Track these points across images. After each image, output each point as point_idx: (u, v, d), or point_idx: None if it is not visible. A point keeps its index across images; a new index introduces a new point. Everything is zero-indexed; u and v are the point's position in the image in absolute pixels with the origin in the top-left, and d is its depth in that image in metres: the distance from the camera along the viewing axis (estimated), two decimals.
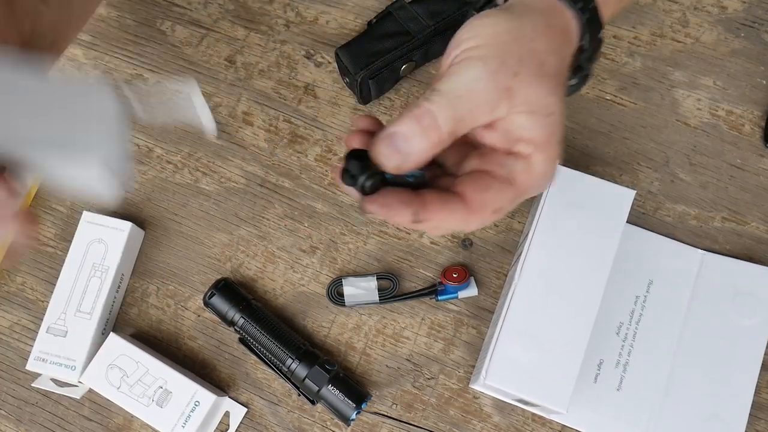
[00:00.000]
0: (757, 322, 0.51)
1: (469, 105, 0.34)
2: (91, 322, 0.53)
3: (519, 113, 0.34)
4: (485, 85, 0.33)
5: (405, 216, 0.35)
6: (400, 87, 0.59)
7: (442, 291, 0.54)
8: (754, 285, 0.52)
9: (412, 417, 0.53)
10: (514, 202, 0.36)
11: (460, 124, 0.34)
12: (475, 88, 0.34)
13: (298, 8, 0.62)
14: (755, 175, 0.57)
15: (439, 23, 0.55)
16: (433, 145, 0.34)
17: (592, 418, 0.51)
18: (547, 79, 0.35)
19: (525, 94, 0.34)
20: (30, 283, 0.57)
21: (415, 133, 0.33)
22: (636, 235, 0.54)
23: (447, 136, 0.34)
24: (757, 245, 0.55)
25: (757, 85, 0.58)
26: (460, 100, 0.33)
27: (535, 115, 0.34)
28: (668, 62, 0.59)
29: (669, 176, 0.57)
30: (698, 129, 0.58)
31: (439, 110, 0.33)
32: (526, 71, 0.34)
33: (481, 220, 0.36)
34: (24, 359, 0.55)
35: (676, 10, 0.60)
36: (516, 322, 0.47)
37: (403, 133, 0.34)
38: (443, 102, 0.34)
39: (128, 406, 0.51)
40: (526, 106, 0.34)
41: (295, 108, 0.60)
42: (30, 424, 0.54)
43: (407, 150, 0.34)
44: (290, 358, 0.51)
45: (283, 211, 0.57)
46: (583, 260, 0.48)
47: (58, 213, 0.58)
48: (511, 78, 0.34)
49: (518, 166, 0.35)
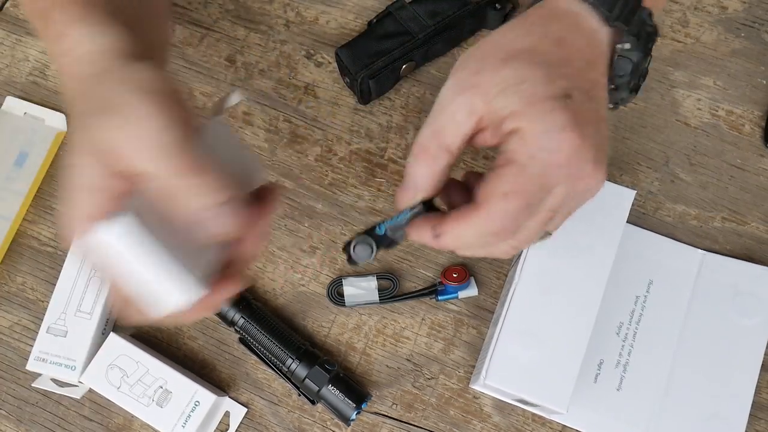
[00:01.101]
0: (757, 322, 0.51)
1: (442, 114, 0.36)
2: (91, 322, 0.53)
3: (494, 99, 0.35)
4: (450, 90, 0.36)
5: (425, 232, 0.37)
6: (400, 87, 0.59)
7: (443, 291, 0.54)
8: (754, 285, 0.52)
9: (412, 417, 0.53)
10: (526, 181, 0.35)
11: (441, 135, 0.36)
12: (442, 96, 0.36)
13: (298, 8, 0.62)
14: (755, 175, 0.57)
15: (439, 23, 0.55)
16: (429, 165, 0.36)
17: (592, 418, 0.51)
18: (515, 59, 0.35)
19: (490, 79, 0.35)
20: (30, 283, 0.57)
21: (410, 164, 0.37)
22: (636, 235, 0.54)
23: (438, 151, 0.36)
24: (757, 245, 0.55)
25: (757, 85, 0.58)
26: (434, 114, 0.36)
27: (506, 90, 0.34)
28: (668, 62, 0.59)
29: (669, 176, 0.57)
30: (698, 129, 0.58)
31: (421, 133, 0.36)
32: (489, 63, 0.36)
33: (492, 214, 0.35)
34: (24, 359, 0.55)
35: (676, 10, 0.60)
36: (516, 322, 0.47)
37: (406, 173, 0.38)
38: (423, 126, 0.36)
39: (128, 406, 0.51)
40: (496, 87, 0.35)
41: (295, 108, 0.60)
42: (30, 424, 0.54)
43: (412, 182, 0.37)
44: (290, 358, 0.51)
45: (283, 211, 0.57)
46: (584, 260, 0.48)
47: (58, 213, 0.58)
48: (474, 75, 0.35)
49: (511, 144, 0.35)
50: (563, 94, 0.34)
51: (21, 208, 0.57)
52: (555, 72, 0.35)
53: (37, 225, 0.58)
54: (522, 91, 0.35)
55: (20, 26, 0.63)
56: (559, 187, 0.35)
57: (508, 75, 0.35)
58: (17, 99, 0.60)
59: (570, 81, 0.35)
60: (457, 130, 0.36)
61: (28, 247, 0.58)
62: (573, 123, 0.34)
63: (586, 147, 0.34)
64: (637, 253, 0.53)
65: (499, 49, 0.36)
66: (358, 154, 0.58)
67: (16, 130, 0.59)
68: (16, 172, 0.58)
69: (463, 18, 0.56)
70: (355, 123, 0.59)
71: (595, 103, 0.36)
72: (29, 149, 0.59)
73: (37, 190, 0.59)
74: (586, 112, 0.35)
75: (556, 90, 0.34)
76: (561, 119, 0.34)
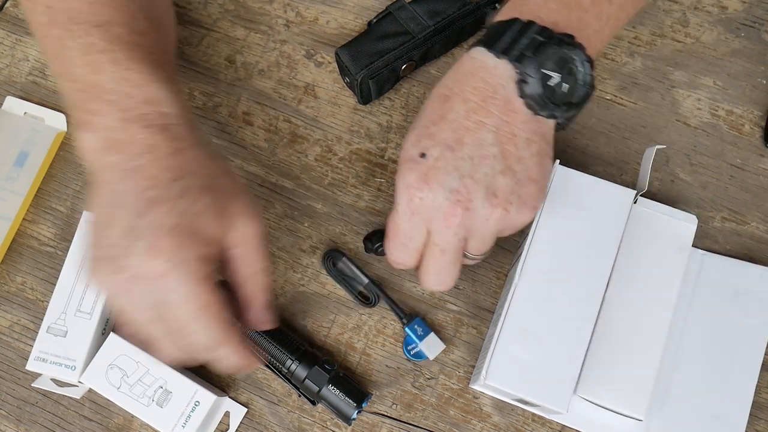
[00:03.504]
0: (758, 322, 0.51)
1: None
2: (91, 322, 0.53)
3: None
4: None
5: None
6: (400, 87, 0.59)
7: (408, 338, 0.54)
8: (754, 285, 0.52)
9: (412, 417, 0.53)
10: (394, 226, 0.45)
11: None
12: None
13: (298, 8, 0.62)
14: (755, 175, 0.57)
15: (439, 23, 0.55)
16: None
17: (593, 418, 0.51)
18: (413, 124, 0.45)
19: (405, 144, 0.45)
20: (30, 283, 0.57)
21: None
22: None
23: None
24: (757, 245, 0.55)
25: (757, 85, 0.58)
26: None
27: (402, 154, 0.44)
28: (668, 62, 0.59)
29: (669, 176, 0.57)
30: (698, 129, 0.58)
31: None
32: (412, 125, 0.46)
33: (387, 249, 0.47)
34: (24, 359, 0.55)
35: (676, 10, 0.60)
36: (516, 322, 0.47)
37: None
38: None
39: (128, 406, 0.51)
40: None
41: (295, 108, 0.60)
42: (30, 424, 0.54)
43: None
44: (289, 359, 0.51)
45: (283, 211, 0.57)
46: (584, 260, 0.48)
47: (58, 213, 0.58)
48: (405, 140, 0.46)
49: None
50: (419, 154, 0.42)
51: (21, 208, 0.57)
52: (424, 133, 0.42)
53: (37, 225, 0.58)
54: (400, 155, 0.43)
55: (20, 26, 0.63)
56: (431, 228, 0.42)
57: (403, 141, 0.44)
58: (17, 99, 0.60)
59: (432, 139, 0.42)
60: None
61: (28, 247, 0.58)
62: (417, 179, 0.41)
63: (434, 194, 0.41)
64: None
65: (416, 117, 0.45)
66: (358, 154, 0.58)
67: (16, 130, 0.59)
68: (16, 172, 0.58)
69: (462, 18, 0.56)
70: (355, 123, 0.59)
71: (461, 151, 0.41)
72: (29, 149, 0.59)
73: (37, 190, 0.59)
74: (443, 163, 0.41)
75: (413, 152, 0.42)
76: (408, 178, 0.42)
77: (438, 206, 0.41)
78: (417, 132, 0.43)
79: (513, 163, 0.41)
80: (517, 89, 0.41)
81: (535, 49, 0.41)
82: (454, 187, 0.41)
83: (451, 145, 0.41)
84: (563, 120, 0.43)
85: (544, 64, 0.41)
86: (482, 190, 0.41)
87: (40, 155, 0.58)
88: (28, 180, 0.58)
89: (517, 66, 0.41)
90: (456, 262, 0.44)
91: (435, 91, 0.44)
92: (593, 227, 0.48)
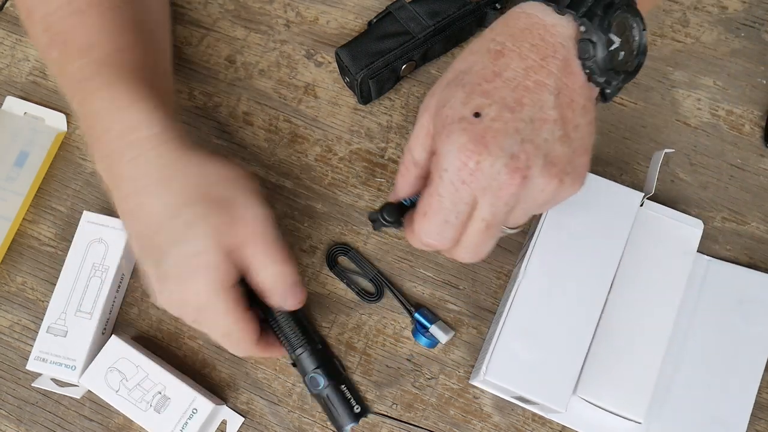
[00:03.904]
0: (762, 329, 0.51)
1: (413, 132, 0.41)
2: (91, 322, 0.53)
3: (433, 121, 0.40)
4: (420, 110, 0.41)
5: (407, 224, 0.43)
6: (400, 87, 0.59)
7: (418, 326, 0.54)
8: (759, 293, 0.52)
9: (412, 417, 0.53)
10: (438, 201, 0.39)
11: (411, 151, 0.42)
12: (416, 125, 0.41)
13: (298, 8, 0.62)
14: (755, 175, 0.57)
15: (439, 23, 0.55)
16: (403, 175, 0.43)
17: (592, 418, 0.51)
18: (451, 81, 0.39)
19: (435, 101, 0.40)
20: (30, 283, 0.57)
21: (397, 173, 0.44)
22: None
23: (409, 164, 0.42)
24: (757, 245, 0.55)
25: (757, 85, 0.58)
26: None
27: (437, 113, 0.39)
28: (668, 62, 0.59)
29: (669, 176, 0.57)
30: (698, 129, 0.58)
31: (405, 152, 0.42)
32: (438, 86, 0.40)
33: (418, 232, 0.41)
34: (24, 359, 0.55)
35: (676, 10, 0.60)
36: (518, 320, 0.47)
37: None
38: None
39: (126, 410, 0.50)
40: (434, 110, 0.40)
41: (295, 108, 0.60)
42: (30, 424, 0.54)
43: (396, 188, 0.44)
44: (302, 347, 0.47)
45: (283, 211, 0.57)
46: (589, 261, 0.48)
47: (58, 213, 0.58)
48: (430, 97, 0.40)
49: (431, 165, 0.40)
50: (472, 113, 0.37)
51: (21, 208, 0.57)
52: (476, 90, 0.38)
53: (37, 225, 0.58)
54: (441, 114, 0.38)
55: (20, 26, 0.63)
56: (481, 199, 0.38)
57: (441, 98, 0.39)
58: (17, 99, 0.60)
59: (488, 97, 0.37)
60: (419, 147, 0.41)
61: (28, 247, 0.58)
62: (474, 141, 0.36)
63: (493, 159, 0.36)
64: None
65: (450, 70, 0.40)
66: (358, 154, 0.58)
67: (16, 130, 0.59)
68: (16, 172, 0.58)
69: (463, 18, 0.56)
70: (355, 123, 0.59)
71: (521, 113, 0.37)
72: (29, 149, 0.59)
73: (37, 190, 0.59)
74: (502, 125, 0.37)
75: (466, 111, 0.37)
76: (461, 140, 0.36)
77: (495, 173, 0.36)
78: (466, 89, 0.38)
79: (570, 130, 0.38)
80: (578, 50, 0.38)
81: (605, 8, 0.37)
82: (515, 152, 0.36)
83: (511, 105, 0.37)
84: (614, 89, 0.40)
85: (611, 27, 0.37)
86: (541, 158, 0.37)
87: (40, 155, 0.58)
88: (28, 180, 0.58)
89: (584, 24, 0.37)
90: (497, 235, 0.40)
91: (481, 46, 0.39)
92: (599, 228, 0.48)
